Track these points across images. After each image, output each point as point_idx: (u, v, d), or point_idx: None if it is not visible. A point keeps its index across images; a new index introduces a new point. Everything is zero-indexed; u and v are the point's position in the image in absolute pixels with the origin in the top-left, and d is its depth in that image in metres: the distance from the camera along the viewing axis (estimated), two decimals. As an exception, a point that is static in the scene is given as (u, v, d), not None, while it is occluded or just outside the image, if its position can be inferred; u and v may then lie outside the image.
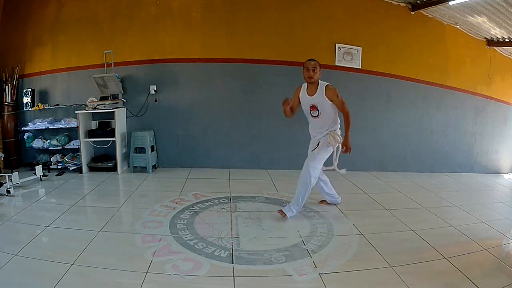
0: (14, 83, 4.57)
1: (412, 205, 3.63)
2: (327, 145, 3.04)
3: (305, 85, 3.07)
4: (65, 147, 4.47)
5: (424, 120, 5.22)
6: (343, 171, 3.18)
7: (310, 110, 3.06)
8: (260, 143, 4.87)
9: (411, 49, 5.02)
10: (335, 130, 3.09)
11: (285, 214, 2.99)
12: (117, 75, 4.42)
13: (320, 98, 2.96)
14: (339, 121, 3.14)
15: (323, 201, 3.48)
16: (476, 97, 5.40)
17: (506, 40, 5.02)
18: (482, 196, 4.33)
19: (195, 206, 3.26)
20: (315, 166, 2.97)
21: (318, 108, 3.00)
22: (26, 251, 2.25)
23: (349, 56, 4.84)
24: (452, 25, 5.09)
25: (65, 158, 4.51)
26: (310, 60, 2.98)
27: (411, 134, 5.21)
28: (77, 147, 4.40)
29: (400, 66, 5.00)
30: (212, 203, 3.37)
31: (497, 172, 5.72)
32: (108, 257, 2.23)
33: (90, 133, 4.48)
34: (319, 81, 3.00)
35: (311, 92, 3.01)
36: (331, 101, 2.96)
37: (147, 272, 2.06)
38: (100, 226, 2.71)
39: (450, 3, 4.20)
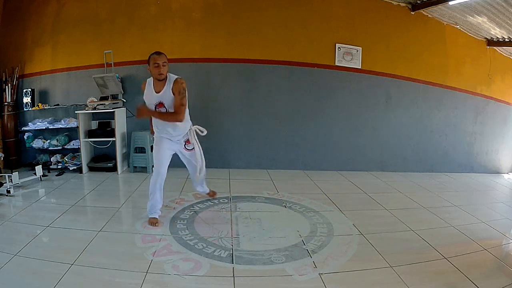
0: (14, 83, 4.57)
1: (412, 205, 3.63)
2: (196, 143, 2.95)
3: (150, 80, 2.71)
4: (65, 147, 4.47)
5: (424, 120, 5.22)
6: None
7: (156, 108, 2.69)
8: (260, 143, 4.88)
9: (411, 49, 5.02)
10: (190, 128, 2.94)
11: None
12: (117, 75, 4.43)
13: (167, 93, 2.62)
14: (189, 118, 2.93)
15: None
16: (476, 97, 5.40)
17: (506, 40, 5.02)
18: (482, 196, 4.33)
19: (195, 206, 3.26)
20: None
21: (165, 105, 2.65)
22: (26, 251, 2.25)
23: (349, 56, 4.84)
24: (452, 25, 5.09)
25: (65, 158, 4.51)
26: (158, 54, 2.59)
27: (411, 134, 5.22)
28: (77, 147, 4.40)
29: (400, 66, 5.00)
30: (212, 203, 3.37)
31: (497, 172, 5.72)
32: (108, 257, 2.23)
33: (90, 133, 4.48)
34: (168, 74, 2.65)
35: (159, 88, 2.64)
36: (173, 94, 2.60)
37: (147, 272, 2.06)
38: (100, 226, 2.71)
39: (450, 3, 4.20)
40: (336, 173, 4.89)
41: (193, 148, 2.97)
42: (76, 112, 4.35)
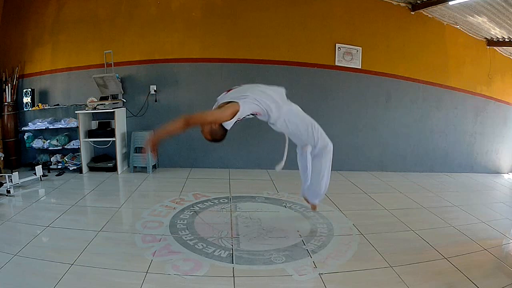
0: (14, 83, 4.57)
1: (412, 205, 3.63)
2: None
3: None
4: (65, 147, 4.47)
5: (424, 120, 5.22)
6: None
7: None
8: (260, 143, 4.87)
9: (411, 49, 5.01)
10: None
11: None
12: (117, 75, 4.42)
13: None
14: None
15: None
16: (476, 97, 5.40)
17: (506, 40, 5.01)
18: (482, 196, 4.33)
19: (195, 206, 3.26)
20: None
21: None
22: (26, 251, 2.25)
23: (349, 56, 4.84)
24: (452, 25, 5.09)
25: (65, 158, 4.51)
26: None
27: (411, 134, 5.21)
28: (77, 147, 4.40)
29: (400, 66, 5.00)
30: (212, 203, 3.37)
31: (497, 172, 5.72)
32: (108, 257, 2.23)
33: (90, 133, 4.48)
34: None
35: None
36: None
37: (147, 272, 2.06)
38: (100, 226, 2.71)
39: (450, 3, 4.20)
40: (336, 173, 4.88)
41: None
42: (76, 112, 4.35)
